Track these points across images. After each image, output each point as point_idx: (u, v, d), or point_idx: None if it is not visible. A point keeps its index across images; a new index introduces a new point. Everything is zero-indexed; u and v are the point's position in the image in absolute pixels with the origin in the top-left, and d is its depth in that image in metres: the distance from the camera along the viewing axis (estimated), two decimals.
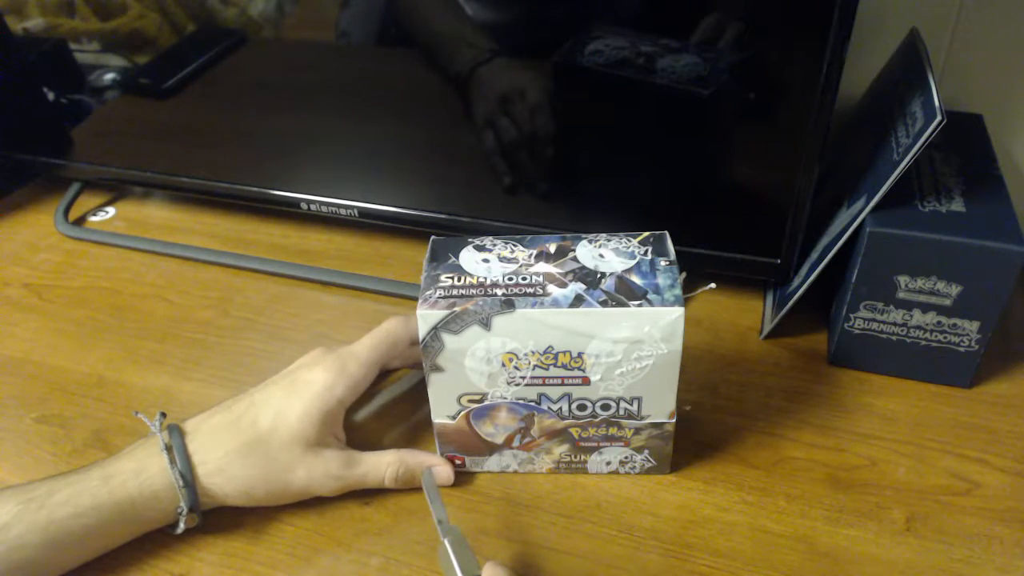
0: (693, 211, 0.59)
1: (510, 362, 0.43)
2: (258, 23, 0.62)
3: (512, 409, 0.45)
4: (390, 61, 0.62)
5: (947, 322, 0.52)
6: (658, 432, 0.46)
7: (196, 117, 0.70)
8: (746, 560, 0.44)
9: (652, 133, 0.56)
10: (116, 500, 0.43)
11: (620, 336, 0.42)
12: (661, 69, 0.52)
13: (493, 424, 0.46)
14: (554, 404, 0.45)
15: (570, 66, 0.54)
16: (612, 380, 0.44)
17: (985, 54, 0.62)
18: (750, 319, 0.62)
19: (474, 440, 0.47)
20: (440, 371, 0.44)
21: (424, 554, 0.45)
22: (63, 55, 0.70)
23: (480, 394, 0.45)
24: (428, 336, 0.43)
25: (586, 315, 0.41)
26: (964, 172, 0.55)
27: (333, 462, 0.46)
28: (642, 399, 0.44)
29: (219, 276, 0.69)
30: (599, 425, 0.46)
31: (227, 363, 0.60)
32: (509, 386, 0.44)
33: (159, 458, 0.44)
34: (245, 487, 0.45)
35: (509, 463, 0.49)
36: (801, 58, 0.49)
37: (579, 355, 0.43)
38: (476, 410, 0.46)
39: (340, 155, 0.67)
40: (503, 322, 0.42)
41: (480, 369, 0.44)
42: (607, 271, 0.43)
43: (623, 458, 0.48)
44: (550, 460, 0.48)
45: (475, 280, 0.44)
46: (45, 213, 0.79)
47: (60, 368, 0.60)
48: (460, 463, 0.49)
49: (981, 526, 0.46)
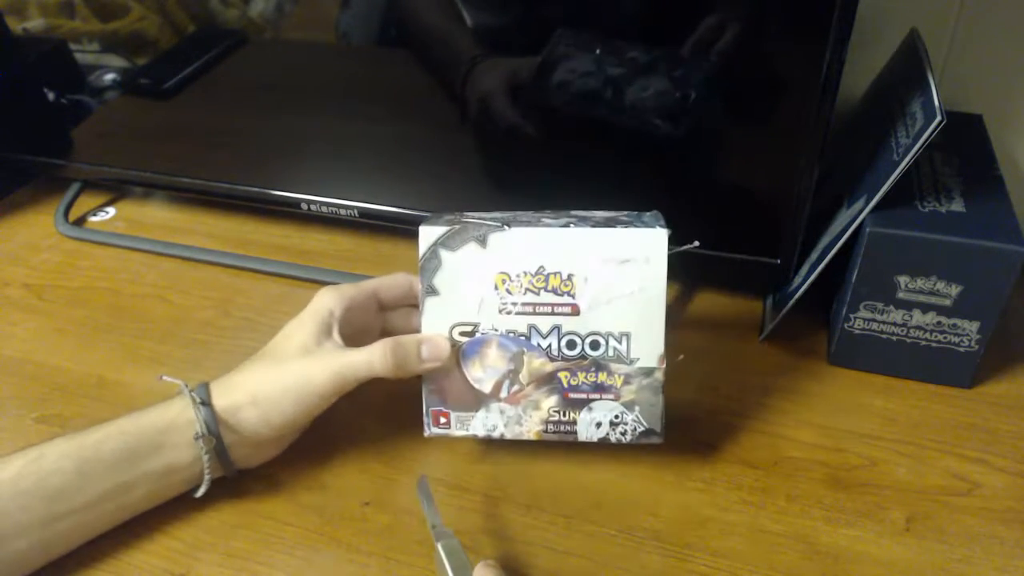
0: (693, 211, 0.59)
1: (503, 283, 0.46)
2: (258, 23, 0.62)
3: (502, 345, 0.46)
4: (390, 61, 0.62)
5: (947, 322, 0.52)
6: (648, 381, 0.46)
7: (196, 117, 0.70)
8: (746, 560, 0.44)
9: (652, 133, 0.56)
10: (140, 426, 0.45)
11: (608, 255, 0.45)
12: (664, 68, 0.52)
13: (482, 365, 0.47)
14: (544, 340, 0.46)
15: (566, 66, 0.54)
16: (600, 310, 0.45)
17: (985, 54, 0.62)
18: (750, 319, 0.62)
19: (462, 387, 0.47)
20: (435, 294, 0.46)
21: (424, 554, 0.45)
22: (63, 55, 0.70)
23: (472, 324, 0.46)
24: (427, 253, 0.46)
25: (576, 233, 0.45)
26: (964, 172, 0.55)
27: (328, 352, 0.47)
28: (631, 336, 0.45)
29: (219, 276, 0.69)
30: (588, 369, 0.46)
31: (227, 363, 0.59)
32: (500, 314, 0.46)
33: (182, 395, 0.46)
34: (251, 390, 0.46)
35: (496, 423, 0.48)
36: (801, 58, 0.49)
37: (569, 277, 0.45)
38: (467, 345, 0.47)
39: (340, 155, 0.67)
40: (498, 240, 0.45)
41: (474, 292, 0.46)
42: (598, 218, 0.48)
43: (614, 417, 0.47)
44: (538, 419, 0.47)
45: (475, 217, 0.47)
46: (45, 213, 0.79)
47: (60, 368, 0.60)
48: (446, 420, 0.49)
49: (981, 526, 0.46)
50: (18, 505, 0.41)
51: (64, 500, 0.43)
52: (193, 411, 0.45)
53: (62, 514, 0.43)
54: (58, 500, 0.42)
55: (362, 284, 0.51)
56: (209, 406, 0.45)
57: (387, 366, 0.46)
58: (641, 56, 0.52)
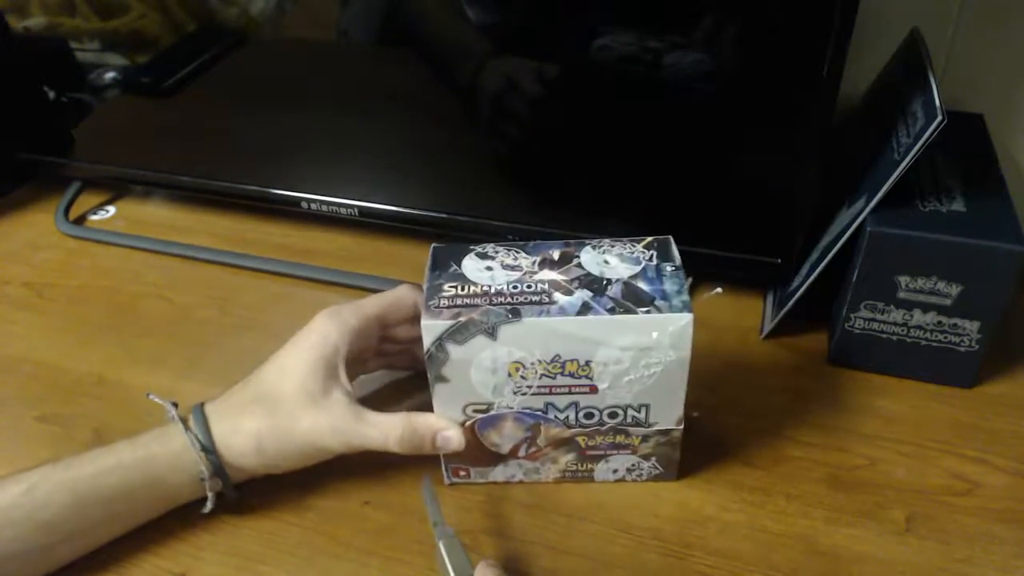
0: (694, 211, 0.59)
1: (516, 371, 0.42)
2: (258, 22, 0.62)
3: (518, 419, 0.45)
4: (391, 60, 0.62)
5: (947, 322, 0.52)
6: (665, 439, 0.46)
7: (196, 116, 0.70)
8: (746, 560, 0.44)
9: (653, 133, 0.56)
10: (138, 459, 0.43)
11: (628, 343, 0.41)
12: (667, 65, 0.52)
13: (499, 434, 0.46)
14: (561, 413, 0.44)
15: (572, 64, 0.54)
16: (620, 388, 0.43)
17: (985, 54, 0.62)
18: (750, 319, 0.62)
19: (479, 451, 0.47)
20: (445, 382, 0.43)
21: (424, 553, 0.45)
22: (64, 54, 0.70)
23: (486, 404, 0.44)
24: (433, 347, 0.42)
25: (594, 323, 0.41)
26: (964, 172, 0.55)
27: (339, 415, 0.45)
28: (650, 406, 0.44)
29: (219, 275, 0.69)
30: (606, 433, 0.45)
31: (227, 363, 0.59)
32: (516, 395, 0.44)
33: (179, 426, 0.45)
34: (255, 440, 0.44)
35: (514, 473, 0.48)
36: (801, 58, 0.49)
37: (587, 363, 0.42)
38: (482, 420, 0.45)
39: (341, 154, 0.67)
40: (509, 331, 0.41)
41: (486, 380, 0.43)
42: (613, 277, 0.43)
43: (630, 465, 0.47)
44: (556, 469, 0.48)
45: (479, 289, 0.43)
46: (45, 212, 0.79)
47: (60, 367, 0.60)
48: (465, 473, 0.48)
49: (981, 526, 0.46)
50: (8, 536, 0.40)
51: (58, 531, 0.42)
52: (195, 454, 0.44)
53: (56, 543, 0.42)
54: (52, 531, 0.41)
55: (365, 309, 0.48)
56: (214, 454, 0.44)
57: (401, 449, 0.45)
58: (638, 51, 0.52)
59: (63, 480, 0.42)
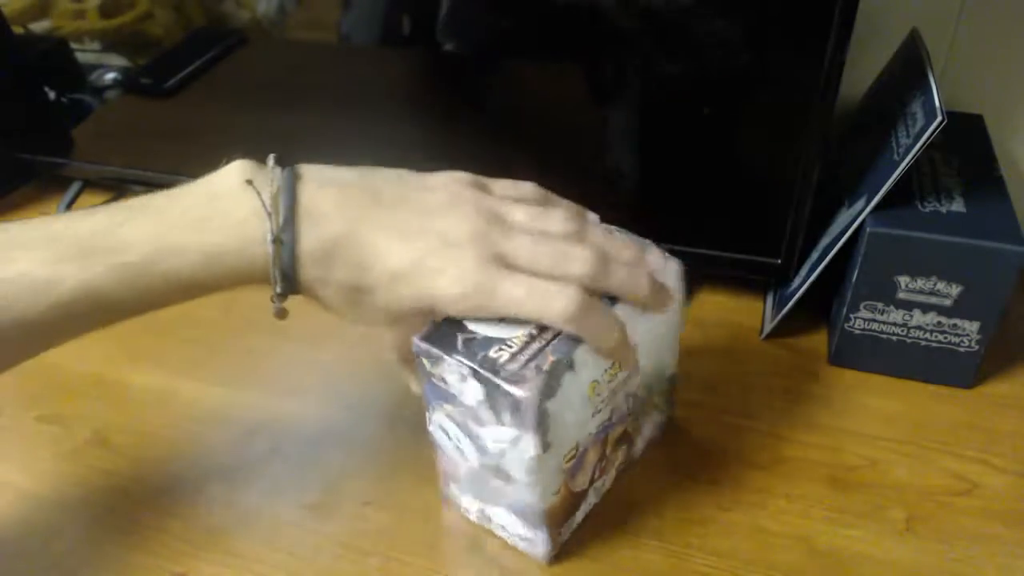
0: (693, 210, 0.59)
1: (593, 391, 0.40)
2: (259, 23, 0.62)
3: (596, 442, 0.43)
4: (392, 61, 0.62)
5: (947, 322, 0.52)
6: (668, 386, 0.49)
7: (197, 117, 0.70)
8: (746, 560, 0.44)
9: (652, 133, 0.57)
10: (206, 246, 0.39)
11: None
12: (667, 65, 0.52)
13: (584, 472, 0.43)
14: (621, 409, 0.44)
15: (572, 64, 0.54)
16: (649, 357, 0.44)
17: (985, 54, 0.62)
18: (750, 319, 0.62)
19: (571, 503, 0.44)
20: (548, 448, 0.38)
21: (424, 553, 0.45)
22: (64, 54, 0.70)
23: (574, 447, 0.41)
24: (537, 418, 0.36)
25: (621, 307, 0.40)
26: (964, 172, 0.55)
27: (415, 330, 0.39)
28: (666, 360, 0.47)
29: None
30: (642, 407, 0.46)
31: (227, 362, 0.60)
32: (594, 417, 0.41)
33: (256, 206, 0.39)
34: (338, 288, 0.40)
35: (592, 501, 0.47)
36: (801, 58, 0.49)
37: (634, 345, 0.41)
38: (571, 468, 0.42)
39: (341, 155, 0.66)
40: (583, 354, 0.38)
41: (580, 417, 0.40)
42: None
43: (650, 433, 0.50)
44: (613, 473, 0.47)
45: (523, 334, 0.38)
46: (45, 212, 0.79)
47: (59, 367, 0.60)
48: (562, 535, 0.44)
49: (981, 526, 0.46)
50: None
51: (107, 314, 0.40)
52: (272, 272, 0.39)
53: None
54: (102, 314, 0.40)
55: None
56: (290, 190, 0.39)
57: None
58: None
59: (121, 272, 0.39)
